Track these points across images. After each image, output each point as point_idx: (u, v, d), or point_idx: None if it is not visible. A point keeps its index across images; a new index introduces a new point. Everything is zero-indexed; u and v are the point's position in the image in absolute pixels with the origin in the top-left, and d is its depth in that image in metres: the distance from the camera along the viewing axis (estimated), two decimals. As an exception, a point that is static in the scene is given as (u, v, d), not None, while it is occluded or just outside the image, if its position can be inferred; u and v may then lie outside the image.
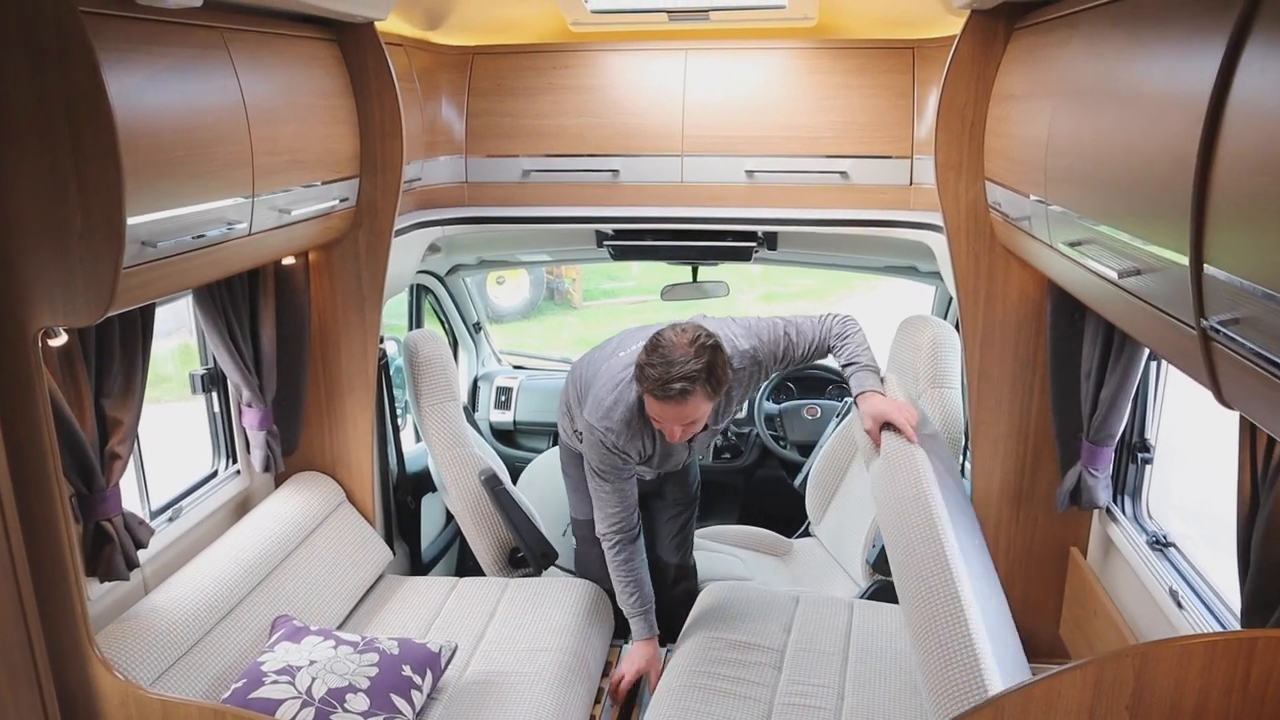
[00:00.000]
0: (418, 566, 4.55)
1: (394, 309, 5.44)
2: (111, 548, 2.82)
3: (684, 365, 2.99)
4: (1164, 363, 3.19)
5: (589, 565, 3.98)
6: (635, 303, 13.37)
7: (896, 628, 3.46)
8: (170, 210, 2.43)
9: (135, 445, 3.00)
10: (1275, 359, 1.37)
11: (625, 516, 3.47)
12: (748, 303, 13.18)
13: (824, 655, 3.41)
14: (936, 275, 4.64)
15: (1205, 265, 1.59)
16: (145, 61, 2.36)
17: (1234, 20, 1.51)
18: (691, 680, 3.28)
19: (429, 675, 3.15)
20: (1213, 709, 1.84)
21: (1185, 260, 1.64)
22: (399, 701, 3.00)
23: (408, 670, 3.09)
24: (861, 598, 3.89)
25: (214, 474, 3.64)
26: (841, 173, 4.10)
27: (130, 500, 2.99)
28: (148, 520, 3.09)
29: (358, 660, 3.05)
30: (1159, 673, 1.86)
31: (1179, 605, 2.72)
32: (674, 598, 4.01)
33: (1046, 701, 1.90)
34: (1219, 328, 1.52)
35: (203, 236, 2.57)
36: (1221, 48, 1.53)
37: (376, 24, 3.47)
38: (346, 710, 2.89)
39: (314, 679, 2.93)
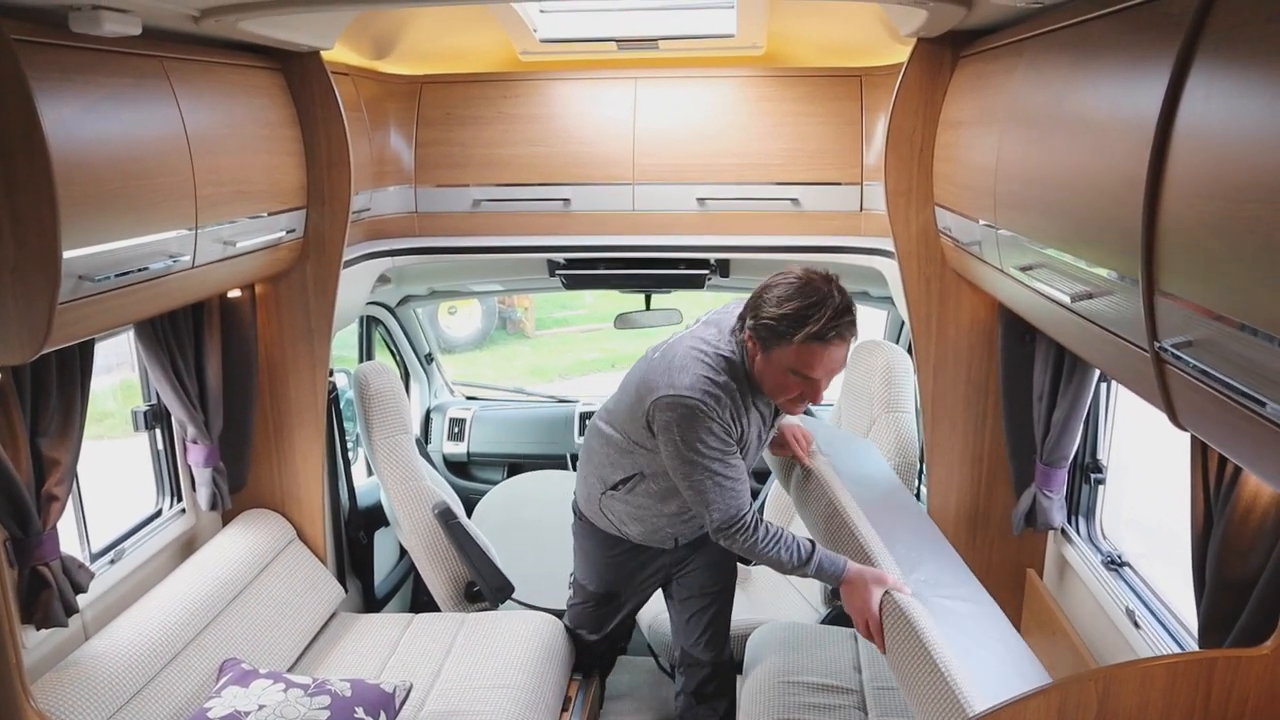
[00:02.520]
0: (371, 603, 4.45)
1: (344, 341, 5.36)
2: (49, 593, 2.71)
3: (844, 298, 2.72)
4: (1114, 384, 3.23)
5: (582, 619, 3.77)
6: (589, 330, 13.34)
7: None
8: (109, 243, 2.35)
9: (74, 485, 2.89)
10: (1229, 380, 1.37)
11: (747, 498, 2.91)
12: (701, 330, 13.17)
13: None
14: (888, 300, 4.66)
15: (1157, 289, 1.60)
16: (82, 91, 2.30)
17: (1178, 47, 1.53)
18: None
19: (383, 717, 3.07)
20: (1175, 731, 1.85)
21: (1138, 284, 1.65)
22: (352, 745, 2.91)
23: (360, 712, 3.01)
24: (821, 623, 3.87)
25: (158, 513, 3.53)
26: (792, 199, 4.12)
27: (69, 543, 2.89)
28: (88, 563, 2.98)
29: (309, 703, 2.96)
30: (1122, 696, 1.85)
31: (1136, 625, 2.74)
32: (701, 696, 3.63)
33: (1011, 728, 1.89)
34: (1172, 350, 1.53)
35: (144, 270, 2.50)
36: (1166, 74, 1.55)
37: (322, 53, 3.43)
38: (297, 756, 2.80)
39: (262, 725, 2.84)
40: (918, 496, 4.04)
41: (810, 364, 2.72)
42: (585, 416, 5.37)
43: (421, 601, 4.70)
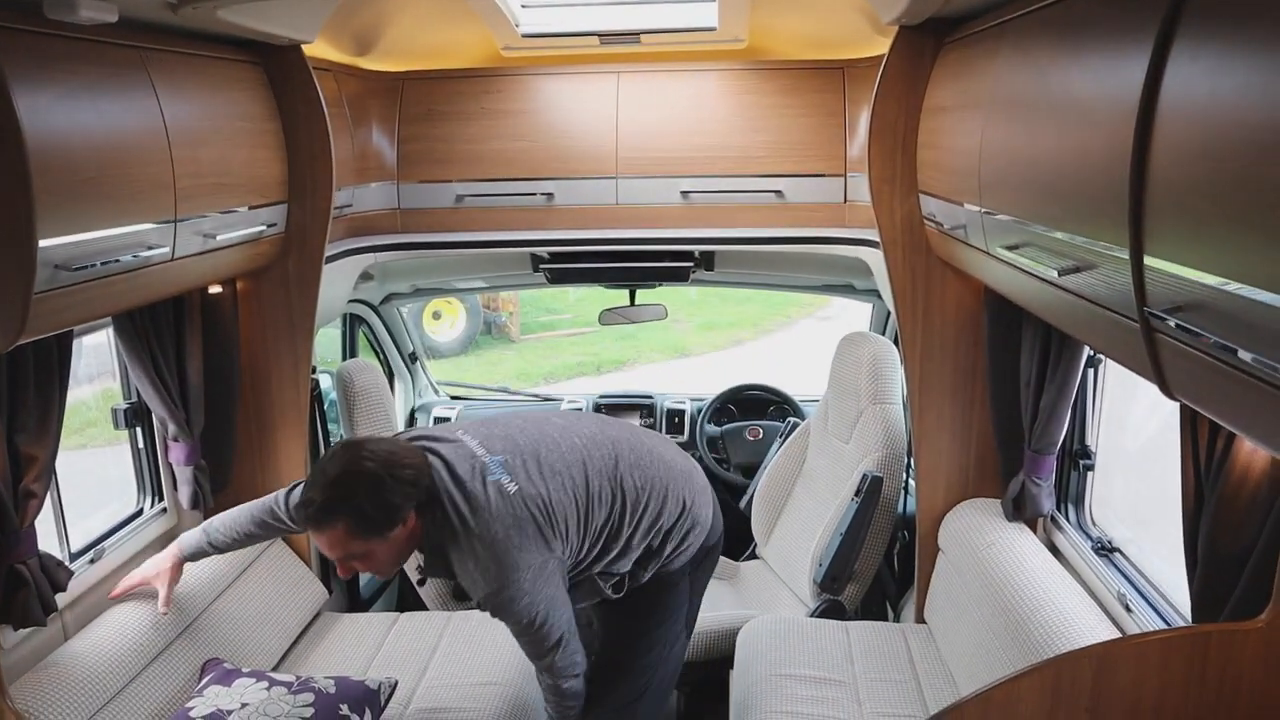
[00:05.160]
0: (357, 603, 4.40)
1: (328, 346, 5.33)
2: (26, 592, 2.66)
3: (323, 482, 2.53)
4: (1101, 370, 3.23)
5: None
6: (574, 334, 13.32)
7: (952, 650, 3.33)
8: (86, 233, 2.32)
9: (52, 483, 2.85)
10: (1220, 340, 1.36)
11: None
12: (685, 331, 13.23)
13: (898, 684, 3.29)
14: (873, 293, 4.67)
15: (1146, 257, 1.59)
16: (58, 79, 2.26)
17: (1162, 13, 1.53)
18: None
19: (368, 714, 3.02)
20: (1171, 706, 1.83)
21: (1125, 254, 1.64)
22: (337, 743, 2.87)
23: (345, 709, 2.96)
24: (811, 616, 3.85)
25: (139, 512, 3.48)
26: (776, 192, 4.12)
27: (47, 541, 2.84)
28: (66, 562, 2.93)
29: (292, 701, 2.92)
30: (1116, 672, 1.84)
31: (1127, 609, 2.73)
32: None
33: (1005, 706, 1.87)
34: (1162, 316, 1.52)
35: (122, 260, 2.46)
36: (1151, 41, 1.55)
37: (304, 49, 3.40)
38: (282, 754, 2.76)
39: (246, 722, 2.80)
40: (905, 489, 4.03)
41: None
42: (571, 414, 5.34)
43: (407, 601, 4.66)
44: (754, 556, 4.65)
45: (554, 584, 2.68)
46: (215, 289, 3.44)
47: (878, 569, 3.99)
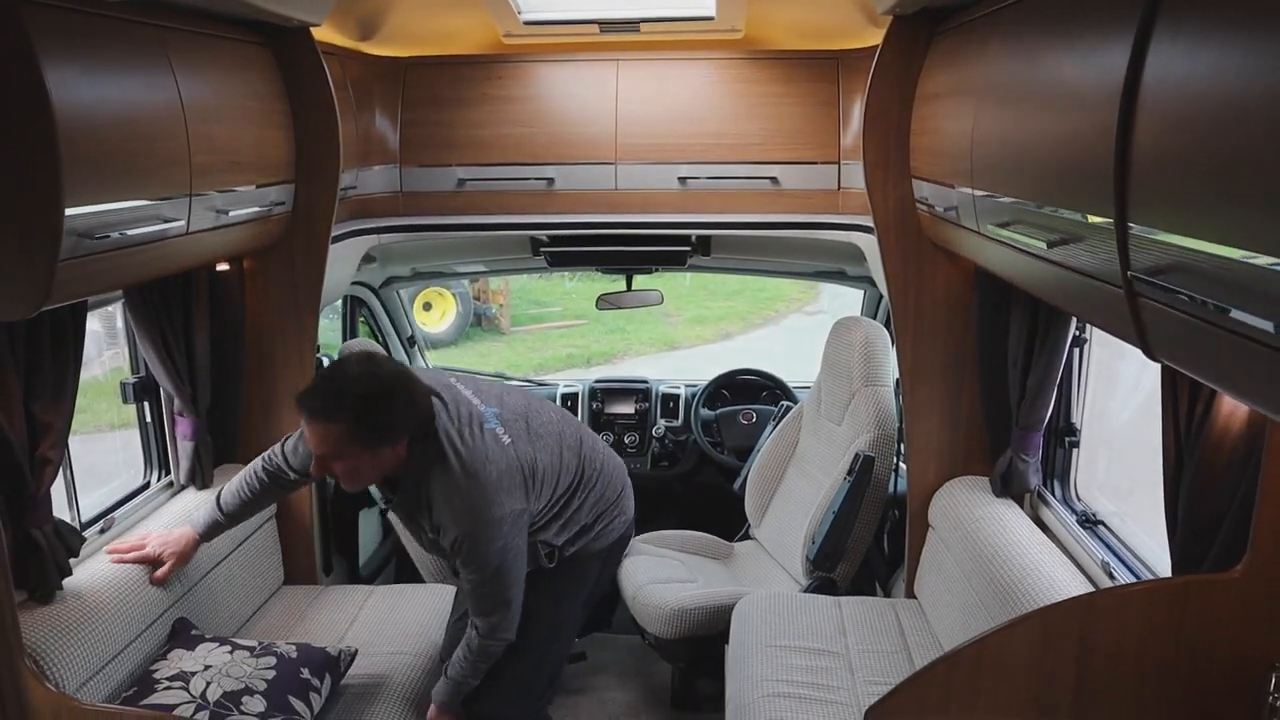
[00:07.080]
0: (356, 580, 4.48)
1: (327, 327, 5.39)
2: (41, 557, 2.72)
3: (340, 374, 2.74)
4: (1086, 349, 3.33)
5: None
6: (564, 327, 13.39)
7: (941, 621, 3.43)
8: (108, 204, 2.39)
9: (65, 452, 2.91)
10: (1197, 297, 1.45)
11: None
12: (675, 324, 13.32)
13: (889, 655, 3.39)
14: (866, 279, 4.77)
15: (1130, 225, 1.68)
16: (83, 53, 2.33)
17: (1141, 5, 1.62)
18: (774, 690, 3.22)
19: (328, 679, 3.07)
20: (1152, 651, 1.93)
21: (1110, 224, 1.73)
22: (297, 704, 2.91)
23: (306, 673, 3.01)
24: (804, 593, 3.95)
25: (146, 485, 3.55)
26: (772, 178, 4.22)
27: (58, 509, 2.90)
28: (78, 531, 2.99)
29: (255, 664, 2.96)
30: (1101, 620, 1.94)
31: (1112, 578, 2.83)
32: None
33: (998, 652, 1.97)
34: (1145, 278, 1.61)
35: (141, 232, 2.53)
36: (1135, 21, 1.64)
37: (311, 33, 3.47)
38: (242, 712, 2.80)
39: (209, 683, 2.84)
40: (896, 469, 4.13)
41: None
42: (566, 397, 5.43)
43: (406, 578, 4.73)
44: (748, 537, 4.74)
45: (522, 537, 2.93)
46: (223, 267, 3.50)
47: (868, 548, 4.09)
